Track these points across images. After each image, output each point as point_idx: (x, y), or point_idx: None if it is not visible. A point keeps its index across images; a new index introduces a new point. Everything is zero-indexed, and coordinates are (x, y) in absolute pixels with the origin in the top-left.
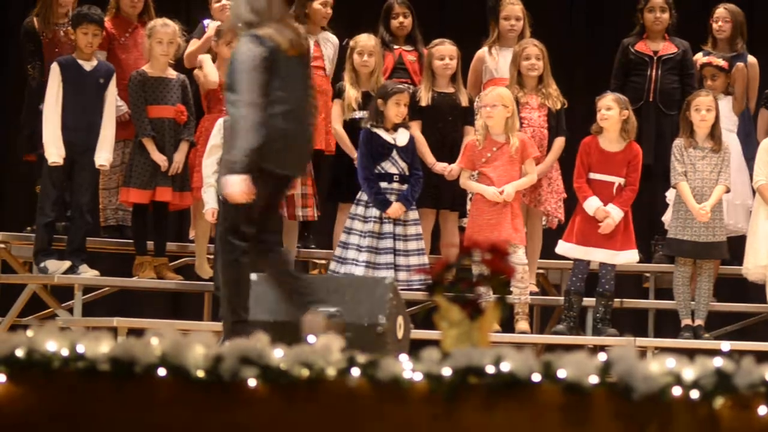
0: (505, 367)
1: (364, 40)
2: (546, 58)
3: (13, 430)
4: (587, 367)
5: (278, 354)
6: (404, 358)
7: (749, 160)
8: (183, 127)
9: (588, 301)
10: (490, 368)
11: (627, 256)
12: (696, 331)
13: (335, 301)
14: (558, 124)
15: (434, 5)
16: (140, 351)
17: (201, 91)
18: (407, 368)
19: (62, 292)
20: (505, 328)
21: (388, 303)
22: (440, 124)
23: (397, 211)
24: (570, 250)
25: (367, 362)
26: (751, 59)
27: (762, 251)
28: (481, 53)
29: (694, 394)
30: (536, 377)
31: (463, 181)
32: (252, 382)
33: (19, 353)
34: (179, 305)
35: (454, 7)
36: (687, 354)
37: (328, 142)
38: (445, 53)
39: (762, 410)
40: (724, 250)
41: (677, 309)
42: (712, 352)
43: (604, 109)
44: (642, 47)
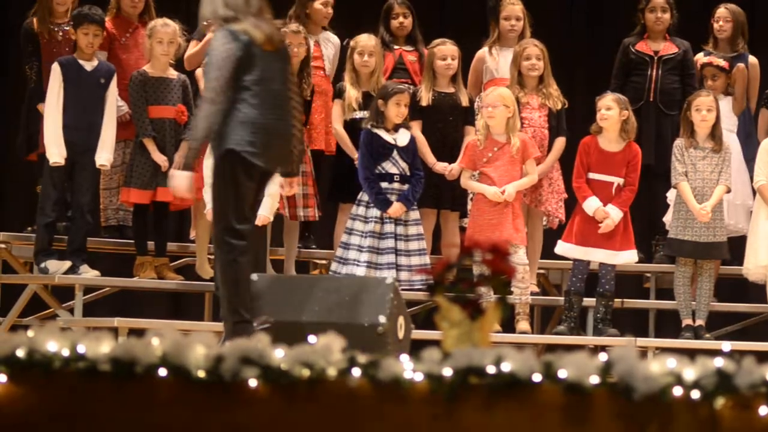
0: (506, 367)
1: (364, 40)
2: (546, 58)
3: (14, 430)
4: (588, 367)
5: (279, 354)
6: (405, 359)
7: (750, 161)
8: (184, 127)
9: (588, 301)
10: (491, 368)
11: (626, 256)
12: (697, 332)
13: (336, 300)
14: (558, 124)
15: (434, 5)
16: (141, 351)
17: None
18: (408, 368)
19: (63, 293)
20: (505, 328)
21: (388, 303)
22: (440, 124)
23: (398, 211)
24: (569, 250)
25: (367, 362)
26: (752, 59)
27: (762, 251)
28: (481, 53)
29: (695, 394)
30: (537, 377)
31: (463, 180)
32: (253, 383)
33: (20, 353)
34: (180, 305)
35: (454, 7)
36: (688, 354)
37: (329, 142)
38: (447, 53)
39: (763, 410)
40: (725, 250)
41: (678, 309)
42: (712, 353)
43: (604, 109)
44: (643, 47)
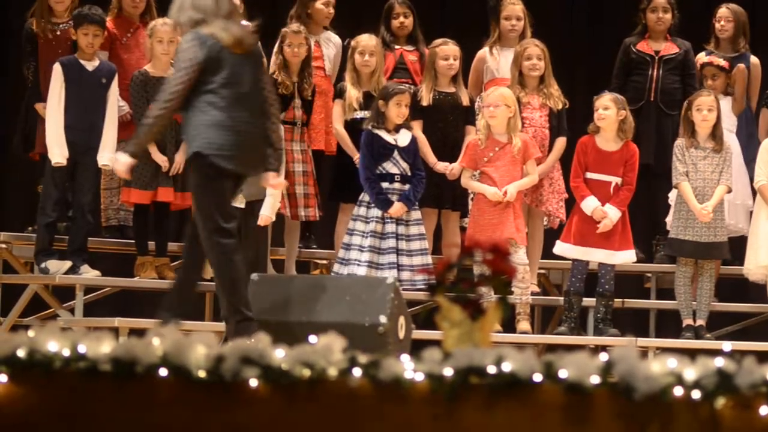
0: (507, 367)
1: (365, 40)
2: (547, 58)
3: (15, 430)
4: (588, 367)
5: (279, 354)
6: (405, 358)
7: (752, 161)
8: None
9: (589, 301)
10: (492, 368)
11: (625, 255)
12: (697, 331)
13: (337, 300)
14: (559, 124)
15: (435, 5)
16: (141, 351)
17: None
18: (408, 368)
19: (63, 293)
20: (506, 328)
21: (389, 303)
22: (441, 124)
23: (399, 211)
24: (568, 250)
25: (368, 362)
26: (754, 59)
27: (763, 251)
28: (482, 53)
29: (696, 394)
30: (537, 377)
31: (464, 180)
32: (253, 383)
33: (21, 353)
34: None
35: (455, 6)
36: (688, 354)
37: (329, 142)
38: (449, 53)
39: (763, 410)
40: (726, 250)
41: (678, 309)
42: (713, 352)
43: (602, 109)
44: (644, 47)
